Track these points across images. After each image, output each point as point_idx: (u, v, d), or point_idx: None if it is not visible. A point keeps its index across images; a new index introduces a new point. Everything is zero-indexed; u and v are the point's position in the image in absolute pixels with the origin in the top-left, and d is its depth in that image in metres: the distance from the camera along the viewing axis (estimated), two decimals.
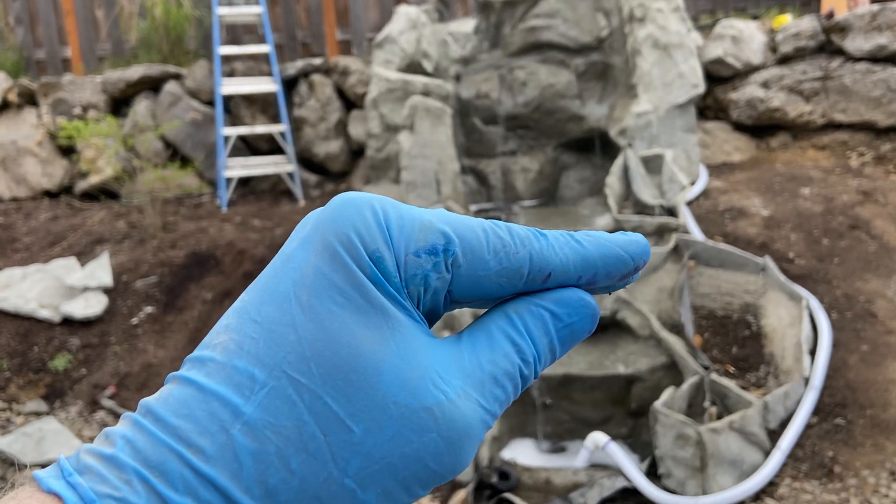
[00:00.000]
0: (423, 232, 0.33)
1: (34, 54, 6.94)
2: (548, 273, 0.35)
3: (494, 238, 0.34)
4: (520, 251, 0.35)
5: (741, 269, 4.03)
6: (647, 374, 3.62)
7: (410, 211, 0.34)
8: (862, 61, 5.35)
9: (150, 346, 4.34)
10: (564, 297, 0.36)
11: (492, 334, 0.35)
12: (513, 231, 0.35)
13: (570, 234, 0.37)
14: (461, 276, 0.34)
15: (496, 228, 0.35)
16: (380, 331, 0.31)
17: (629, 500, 3.24)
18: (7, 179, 6.26)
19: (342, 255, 0.32)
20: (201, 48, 6.68)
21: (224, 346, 0.31)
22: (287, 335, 0.31)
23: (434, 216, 0.34)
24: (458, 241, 0.34)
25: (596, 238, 0.37)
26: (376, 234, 0.32)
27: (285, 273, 0.32)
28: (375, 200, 0.34)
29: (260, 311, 0.32)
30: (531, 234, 0.36)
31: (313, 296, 0.31)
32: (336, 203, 0.33)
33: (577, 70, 5.48)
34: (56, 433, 3.78)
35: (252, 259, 4.75)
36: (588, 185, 5.48)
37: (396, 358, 0.31)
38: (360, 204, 0.33)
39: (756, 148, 5.66)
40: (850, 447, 3.22)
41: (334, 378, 0.30)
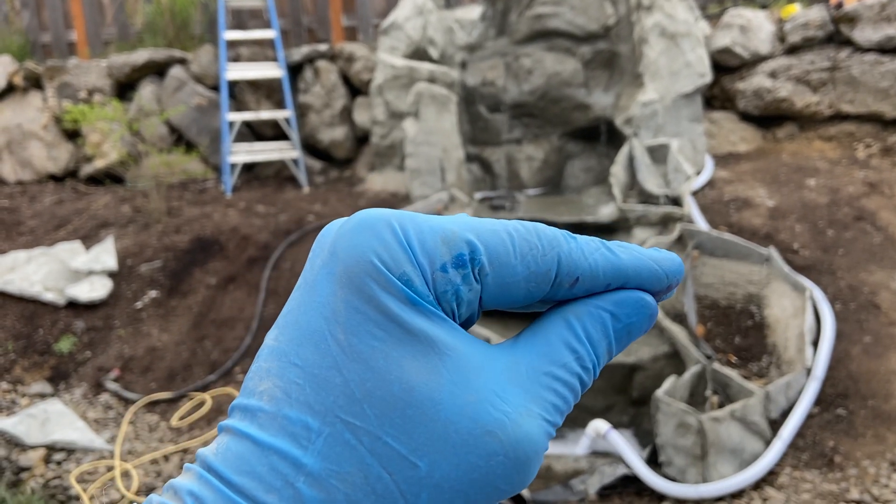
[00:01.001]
0: (446, 244, 0.32)
1: (40, 38, 6.93)
2: (576, 277, 0.34)
3: (521, 241, 0.33)
4: (548, 254, 0.34)
5: (745, 260, 4.02)
6: (650, 362, 3.62)
7: (430, 223, 0.32)
8: (870, 52, 5.32)
9: (154, 329, 4.36)
10: (624, 298, 0.35)
11: (551, 342, 0.34)
12: (540, 233, 0.34)
13: (603, 242, 0.36)
14: (489, 285, 0.33)
15: (522, 231, 0.34)
16: (427, 359, 0.30)
17: (629, 488, 3.25)
18: (12, 163, 6.27)
19: (370, 285, 0.30)
20: (207, 33, 6.67)
21: (270, 393, 0.30)
22: (333, 378, 0.30)
23: (456, 224, 0.33)
24: (483, 249, 0.32)
25: (629, 249, 0.36)
26: (400, 255, 0.31)
27: (314, 308, 0.31)
28: (393, 218, 0.32)
29: (299, 354, 0.31)
30: (559, 236, 0.34)
31: (351, 334, 0.30)
32: (352, 227, 0.32)
33: (584, 58, 5.46)
34: (61, 415, 3.80)
35: (256, 245, 4.76)
36: (593, 174, 5.46)
37: (451, 384, 0.30)
38: (377, 225, 0.31)
39: (762, 138, 5.64)
40: (851, 437, 3.23)
41: (391, 416, 0.30)
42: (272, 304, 4.39)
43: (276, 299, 4.40)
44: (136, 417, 3.89)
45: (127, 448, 3.67)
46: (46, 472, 3.55)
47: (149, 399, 3.97)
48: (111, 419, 3.89)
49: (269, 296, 4.43)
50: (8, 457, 3.63)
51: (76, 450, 3.66)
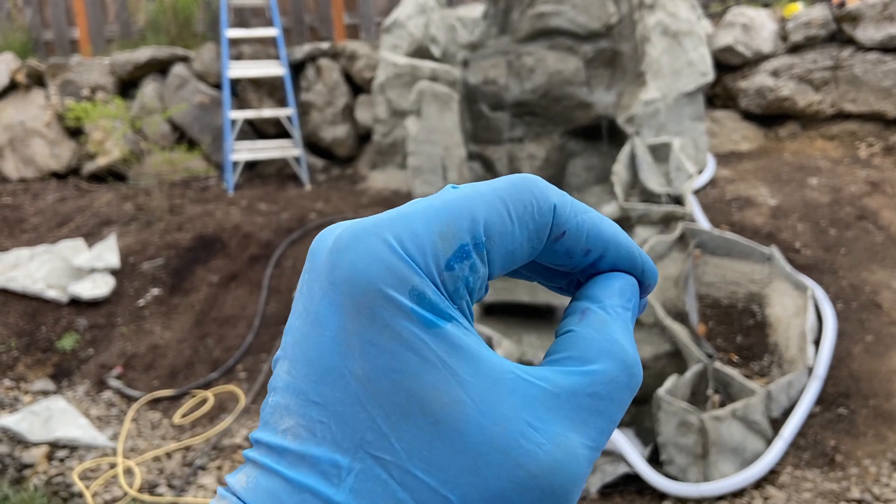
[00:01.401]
0: (445, 240, 0.30)
1: (42, 35, 6.94)
2: (562, 231, 0.34)
3: (515, 204, 0.32)
4: (543, 206, 0.33)
5: (747, 259, 4.03)
6: (651, 361, 3.63)
7: (422, 221, 0.31)
8: (873, 51, 5.31)
9: (156, 327, 4.36)
10: (621, 288, 0.35)
11: (590, 358, 0.32)
12: (532, 185, 0.33)
13: (592, 209, 0.35)
14: (495, 260, 0.32)
15: (513, 190, 0.32)
16: (449, 387, 0.29)
17: (631, 486, 3.25)
18: (15, 160, 6.28)
19: (381, 315, 0.29)
20: (209, 31, 6.67)
21: (294, 432, 0.30)
22: (357, 415, 0.29)
23: (447, 211, 0.31)
24: (482, 230, 0.31)
25: (614, 226, 0.36)
26: (404, 271, 0.29)
27: (324, 344, 0.30)
28: (384, 229, 0.30)
29: (318, 392, 0.30)
30: (552, 189, 0.33)
31: (369, 369, 0.29)
32: (345, 249, 0.30)
33: (586, 57, 5.45)
34: (63, 412, 3.81)
35: (258, 243, 4.76)
36: (595, 172, 5.47)
37: (476, 414, 0.29)
38: (371, 243, 0.30)
39: (764, 137, 5.64)
40: (853, 437, 3.23)
41: (419, 449, 0.29)
42: (274, 302, 4.39)
43: (279, 297, 4.41)
44: (139, 415, 3.90)
45: (129, 445, 3.68)
46: (49, 470, 3.56)
47: (151, 396, 3.98)
48: (114, 416, 3.90)
49: (271, 294, 4.44)
50: (11, 454, 3.64)
51: (79, 447, 3.67)
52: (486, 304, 3.99)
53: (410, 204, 0.32)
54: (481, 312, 3.98)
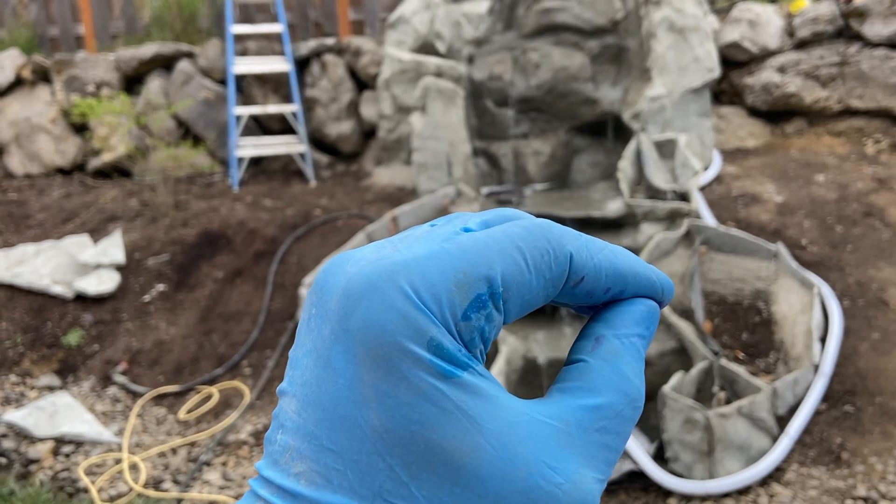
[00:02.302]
0: (461, 289, 0.30)
1: (47, 31, 6.94)
2: (581, 277, 0.33)
3: (532, 253, 0.32)
4: (559, 255, 0.32)
5: (753, 256, 4.01)
6: (656, 358, 3.62)
7: (437, 269, 0.30)
8: (880, 47, 5.29)
9: (161, 323, 4.37)
10: (643, 314, 0.35)
11: (599, 391, 0.33)
12: (548, 235, 0.32)
13: (606, 244, 0.35)
14: (511, 310, 0.32)
15: (530, 239, 0.32)
16: (468, 436, 0.29)
17: (636, 483, 3.25)
18: (20, 156, 6.29)
19: (399, 367, 0.29)
20: (214, 27, 6.67)
21: (308, 478, 0.29)
22: (376, 464, 0.29)
23: (463, 259, 0.30)
24: (500, 280, 0.31)
25: (630, 255, 0.36)
26: (421, 322, 0.29)
27: (338, 392, 0.29)
28: (400, 277, 0.30)
29: (332, 440, 0.29)
30: (568, 234, 0.33)
31: (387, 420, 0.29)
32: (359, 296, 0.29)
33: (591, 53, 5.44)
34: (69, 407, 3.82)
35: (263, 239, 4.76)
36: (600, 169, 5.45)
37: (497, 460, 0.29)
38: (387, 292, 0.29)
39: (771, 134, 5.62)
40: (859, 434, 3.22)
41: (439, 496, 0.29)
42: (279, 298, 4.39)
43: (283, 293, 4.41)
44: (144, 410, 3.91)
45: (135, 441, 3.69)
46: (55, 465, 3.57)
47: (156, 392, 3.98)
48: (119, 412, 3.91)
49: (276, 290, 4.44)
50: (17, 449, 3.65)
51: (84, 442, 3.68)
52: None
53: (421, 240, 0.32)
54: None
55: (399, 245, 0.32)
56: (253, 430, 3.65)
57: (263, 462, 0.31)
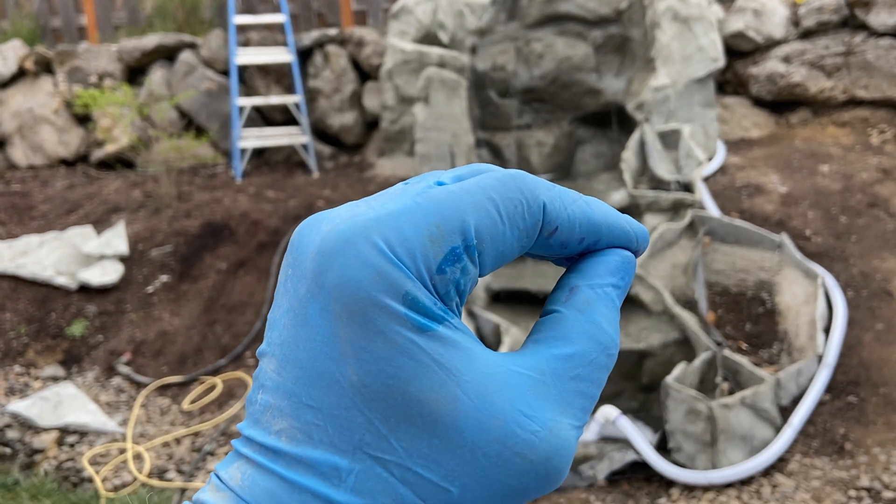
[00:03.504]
0: (435, 243, 0.30)
1: (50, 22, 6.94)
2: (554, 227, 0.34)
3: (505, 204, 0.32)
4: (532, 205, 0.32)
5: (757, 246, 4.00)
6: (660, 349, 3.62)
7: (410, 222, 0.30)
8: (886, 36, 5.26)
9: (165, 314, 4.38)
10: (618, 264, 0.36)
11: (573, 340, 0.33)
12: (521, 185, 0.33)
13: (580, 195, 0.35)
14: (485, 261, 0.32)
15: (503, 190, 0.32)
16: (445, 388, 0.30)
17: (639, 474, 3.25)
18: (24, 147, 6.29)
19: (374, 321, 0.29)
20: (216, 17, 6.66)
21: (289, 434, 0.30)
22: (355, 418, 0.29)
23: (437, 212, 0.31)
24: (473, 230, 0.31)
25: (603, 206, 0.36)
26: (395, 275, 0.29)
27: (315, 348, 0.30)
28: (373, 232, 0.30)
29: (311, 396, 0.30)
30: (541, 184, 0.33)
31: (364, 374, 0.29)
32: (333, 252, 0.30)
33: (595, 43, 5.42)
34: (73, 398, 3.84)
35: (266, 230, 4.76)
36: (604, 159, 5.44)
37: (473, 410, 0.30)
38: (360, 247, 0.29)
39: (775, 124, 5.60)
40: (862, 425, 3.22)
41: (418, 447, 0.30)
42: None
43: None
44: (148, 401, 3.92)
45: (139, 431, 3.70)
46: (59, 455, 3.59)
47: (160, 383, 3.99)
48: (123, 402, 3.92)
49: None
50: (21, 439, 3.66)
51: (89, 432, 3.69)
52: (493, 292, 3.99)
53: (395, 197, 0.32)
54: (488, 300, 3.97)
55: (373, 203, 0.32)
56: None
57: (245, 423, 0.31)
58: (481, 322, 3.70)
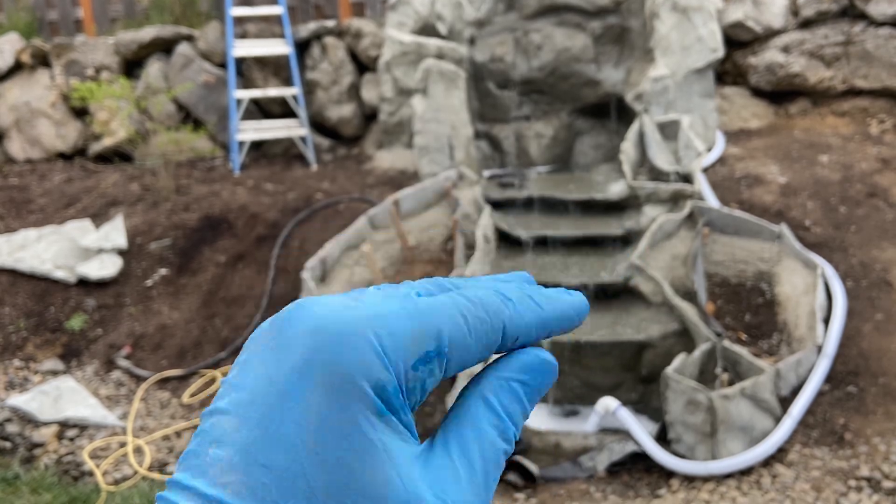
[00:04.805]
0: (415, 344, 0.34)
1: (46, 15, 6.91)
2: (515, 338, 0.38)
3: (474, 320, 0.36)
4: (495, 324, 0.37)
5: (756, 237, 4.00)
6: (659, 340, 3.62)
7: (399, 322, 0.35)
8: (885, 26, 5.25)
9: (164, 307, 4.37)
10: (529, 363, 0.39)
11: (479, 427, 0.37)
12: (487, 307, 0.37)
13: (530, 296, 0.39)
14: (450, 367, 0.36)
15: (473, 309, 0.36)
16: (384, 470, 0.33)
17: (639, 465, 3.26)
18: (21, 141, 6.28)
19: (347, 399, 0.33)
20: (213, 9, 6.63)
21: (235, 489, 0.32)
22: (300, 485, 0.32)
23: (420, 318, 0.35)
24: (447, 340, 0.35)
25: (549, 299, 0.40)
26: (377, 365, 0.33)
27: (286, 414, 0.33)
28: (367, 327, 0.34)
29: (267, 456, 0.32)
30: (500, 303, 0.38)
31: (321, 445, 0.32)
32: (330, 338, 0.33)
33: (594, 33, 5.40)
34: (73, 391, 3.84)
35: (265, 223, 4.76)
36: (603, 151, 5.43)
37: (403, 493, 0.33)
38: (356, 340, 0.33)
39: (774, 114, 5.59)
40: (862, 415, 3.23)
41: None
42: (281, 281, 4.40)
43: (286, 277, 4.41)
44: (148, 394, 3.92)
45: (139, 424, 3.70)
46: (59, 449, 3.59)
47: (160, 376, 3.99)
48: (123, 396, 3.92)
49: (279, 274, 4.44)
50: (21, 433, 3.66)
51: (89, 426, 3.69)
52: None
53: (384, 300, 0.36)
54: None
55: (363, 300, 0.35)
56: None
57: (185, 474, 0.33)
58: None
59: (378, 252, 4.32)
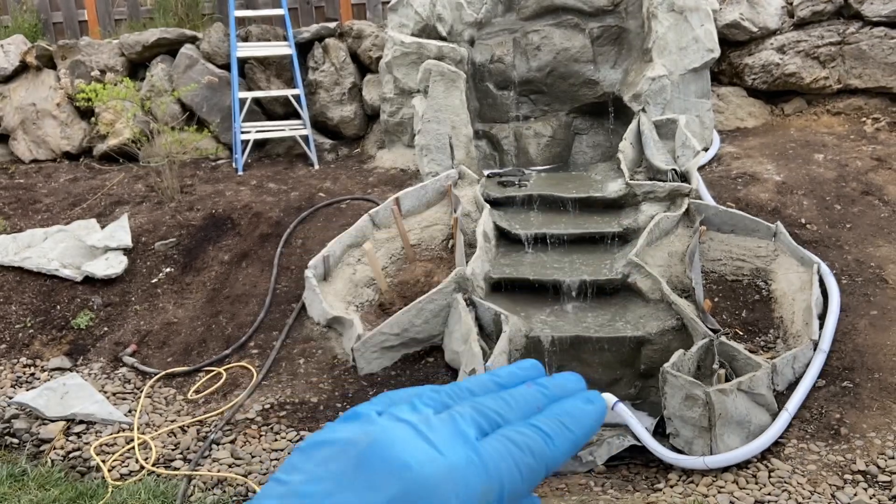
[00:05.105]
0: (483, 497, 0.39)
1: (51, 17, 6.97)
2: (551, 469, 0.43)
3: (526, 470, 0.41)
4: (540, 467, 0.42)
5: (752, 234, 4.05)
6: (657, 336, 3.66)
7: (471, 477, 0.39)
8: (879, 25, 5.30)
9: (169, 305, 4.43)
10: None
11: None
12: (534, 452, 0.41)
13: (562, 423, 0.43)
14: None
15: (524, 457, 0.41)
16: None
17: (637, 459, 3.30)
18: (27, 141, 6.33)
19: None
20: (216, 11, 6.69)
21: None
22: None
23: (487, 475, 0.39)
24: (507, 491, 0.40)
25: (577, 420, 0.44)
26: None
27: None
28: (450, 482, 0.38)
29: None
30: (544, 445, 0.42)
31: None
32: (415, 486, 0.37)
33: (592, 34, 5.46)
34: (80, 388, 3.89)
35: (268, 222, 4.81)
36: (601, 150, 5.48)
37: None
38: (437, 493, 0.37)
39: (770, 113, 5.64)
40: (857, 409, 3.27)
41: None
42: (285, 279, 4.45)
43: (289, 275, 4.46)
44: (154, 391, 3.97)
45: (145, 420, 3.75)
46: (66, 445, 3.64)
47: (166, 373, 4.05)
48: (129, 392, 3.97)
49: (282, 272, 4.49)
50: (28, 429, 3.71)
51: (95, 422, 3.75)
52: (493, 281, 4.03)
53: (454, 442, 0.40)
54: (488, 289, 4.02)
55: (432, 439, 0.39)
56: (261, 408, 3.71)
57: None
58: (481, 311, 3.74)
59: (380, 250, 4.38)
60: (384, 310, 4.09)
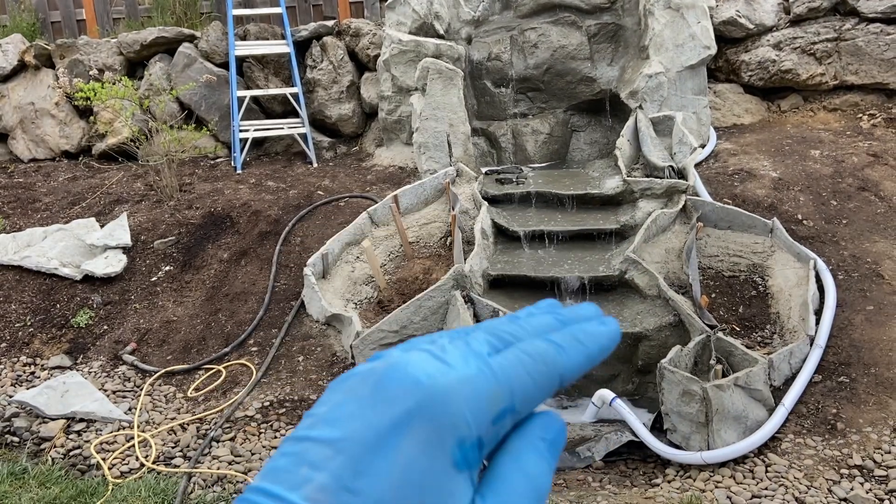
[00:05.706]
0: (494, 404, 0.40)
1: (49, 16, 6.97)
2: (569, 380, 0.43)
3: (538, 375, 0.41)
4: (553, 373, 0.42)
5: (749, 231, 4.07)
6: (654, 332, 3.68)
7: (481, 386, 0.40)
8: (875, 22, 5.31)
9: (168, 303, 4.44)
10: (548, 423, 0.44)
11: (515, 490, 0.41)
12: (545, 358, 0.42)
13: (576, 337, 0.44)
14: (519, 417, 0.42)
15: (534, 364, 0.41)
16: None
17: (635, 454, 3.32)
18: (26, 140, 6.34)
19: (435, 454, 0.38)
20: (214, 10, 6.69)
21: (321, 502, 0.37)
22: None
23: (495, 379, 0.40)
24: (518, 397, 0.41)
25: (591, 335, 0.45)
26: (463, 425, 0.39)
27: (380, 453, 0.38)
28: (460, 393, 0.39)
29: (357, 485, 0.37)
30: (556, 353, 0.43)
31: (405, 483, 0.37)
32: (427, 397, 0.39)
33: (589, 32, 5.47)
34: (80, 386, 3.90)
35: (267, 220, 4.82)
36: (598, 147, 5.50)
37: None
38: (450, 403, 0.39)
39: (767, 110, 5.66)
40: (854, 404, 3.28)
41: None
42: (284, 277, 4.46)
43: (288, 273, 4.48)
44: (153, 389, 3.99)
45: (145, 418, 3.77)
46: (67, 443, 3.65)
47: (165, 371, 4.06)
48: (129, 391, 3.98)
49: (281, 270, 4.50)
50: (29, 428, 3.73)
51: (95, 420, 3.76)
52: (491, 278, 4.05)
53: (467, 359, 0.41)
54: (486, 286, 4.04)
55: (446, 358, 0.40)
56: (260, 406, 3.73)
57: (273, 486, 0.38)
58: (479, 308, 3.76)
59: (378, 248, 4.39)
60: (383, 307, 4.11)
